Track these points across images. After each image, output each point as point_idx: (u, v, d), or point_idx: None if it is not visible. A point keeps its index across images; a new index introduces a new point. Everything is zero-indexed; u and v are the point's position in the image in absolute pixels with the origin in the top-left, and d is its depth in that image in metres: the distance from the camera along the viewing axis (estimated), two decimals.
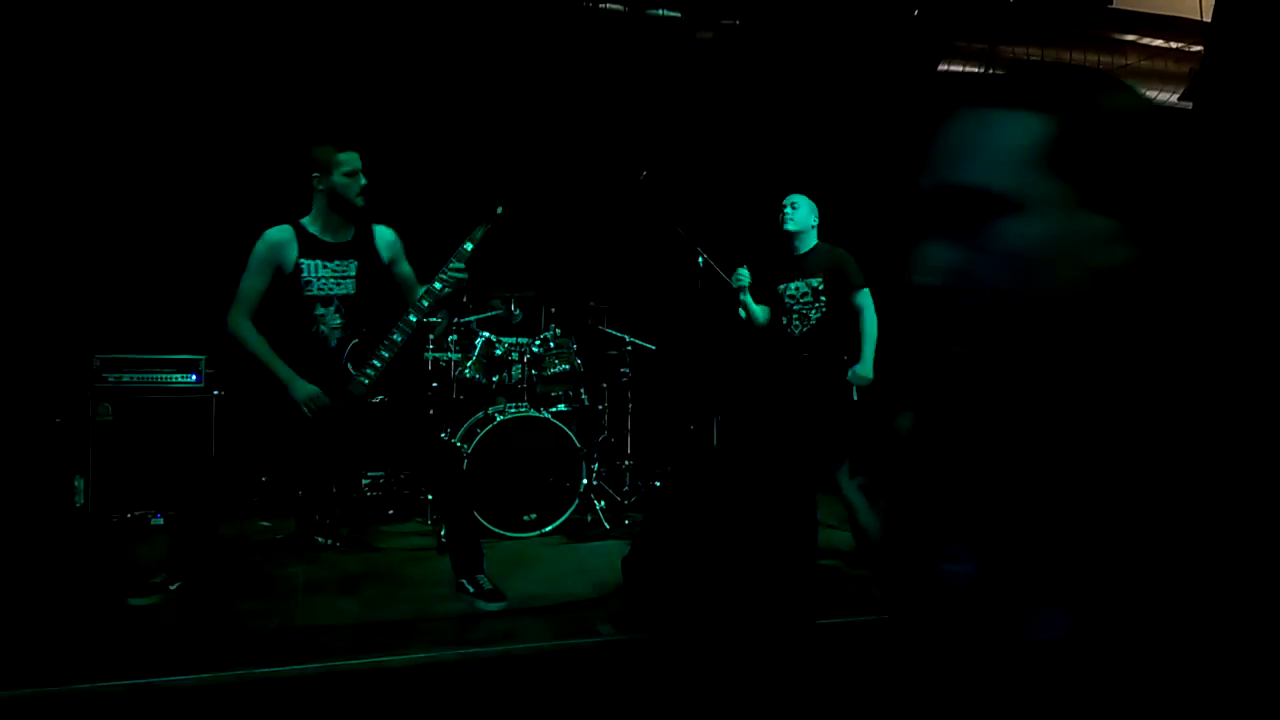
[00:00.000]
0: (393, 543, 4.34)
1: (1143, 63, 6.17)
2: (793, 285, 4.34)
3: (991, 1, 6.04)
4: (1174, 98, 6.28)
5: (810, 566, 3.16)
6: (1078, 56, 6.12)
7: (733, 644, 2.89)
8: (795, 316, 4.34)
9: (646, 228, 6.34)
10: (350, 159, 3.26)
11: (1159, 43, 6.21)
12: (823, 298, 4.29)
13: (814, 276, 4.29)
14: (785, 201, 4.35)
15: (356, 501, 5.01)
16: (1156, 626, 0.69)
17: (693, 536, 3.18)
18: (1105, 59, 6.15)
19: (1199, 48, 5.72)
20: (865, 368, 4.21)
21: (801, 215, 4.31)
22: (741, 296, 4.37)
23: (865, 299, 4.29)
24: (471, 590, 3.35)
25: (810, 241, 4.33)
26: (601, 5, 5.66)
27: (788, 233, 4.32)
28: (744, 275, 4.33)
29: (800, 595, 3.02)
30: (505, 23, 5.57)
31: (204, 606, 3.18)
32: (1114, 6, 6.37)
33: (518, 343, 4.92)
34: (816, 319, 4.30)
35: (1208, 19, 4.55)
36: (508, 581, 3.59)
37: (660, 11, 5.78)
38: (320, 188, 3.26)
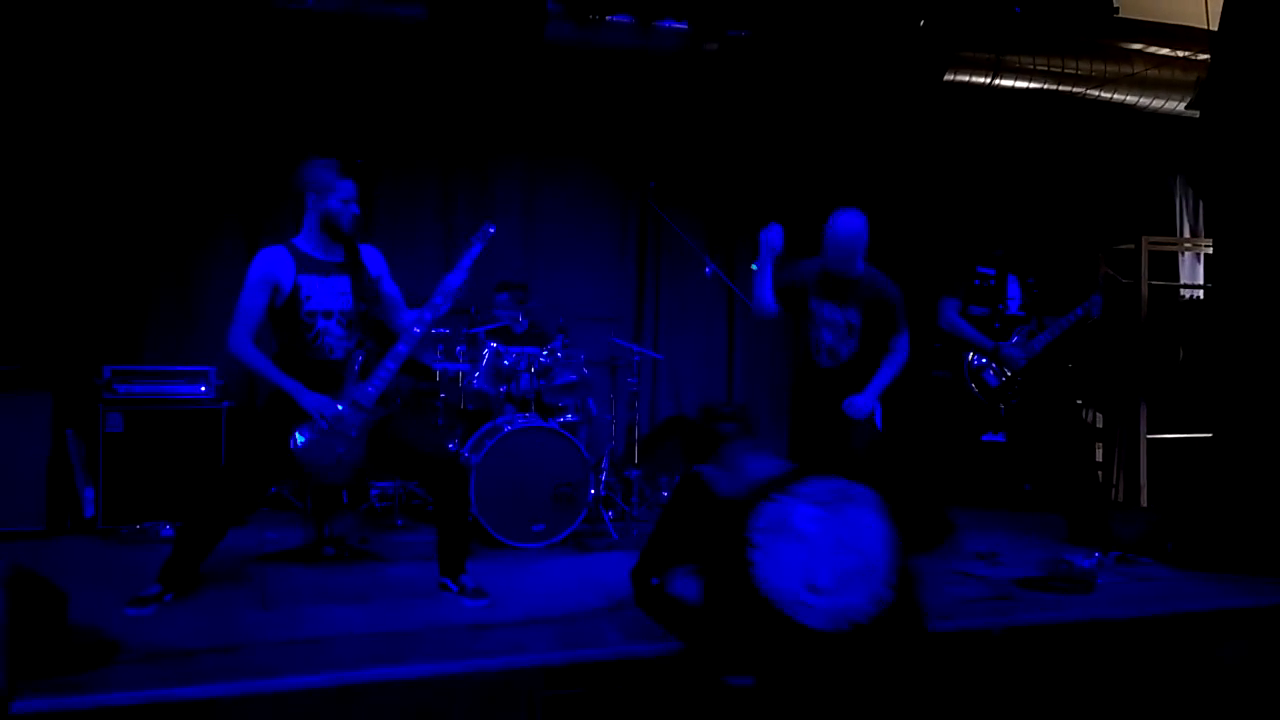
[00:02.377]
0: (402, 553, 4.33)
1: (1149, 71, 6.16)
2: (826, 308, 3.93)
3: (998, 11, 6.05)
4: (1180, 106, 6.27)
5: None
6: (1084, 65, 6.12)
7: (740, 655, 2.87)
8: (825, 351, 3.96)
9: (655, 236, 6.36)
10: (346, 187, 3.32)
11: (1165, 51, 6.20)
12: (858, 333, 3.90)
13: (853, 307, 3.89)
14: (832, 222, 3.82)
15: (365, 512, 5.01)
16: None
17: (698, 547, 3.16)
18: (1112, 68, 6.15)
19: (1205, 56, 5.71)
20: (866, 399, 3.87)
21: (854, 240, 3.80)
22: (758, 267, 3.85)
23: (902, 344, 3.93)
24: (455, 589, 3.44)
25: (857, 268, 3.87)
26: (608, 17, 5.69)
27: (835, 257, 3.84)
28: (775, 240, 3.78)
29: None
30: (511, 34, 5.59)
31: (211, 618, 3.18)
32: (1120, 15, 6.37)
33: (525, 353, 4.93)
34: (848, 355, 3.93)
35: (1214, 28, 4.55)
36: (516, 593, 3.59)
37: (667, 23, 5.80)
38: (313, 207, 3.32)
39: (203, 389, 4.80)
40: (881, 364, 3.92)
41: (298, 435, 3.22)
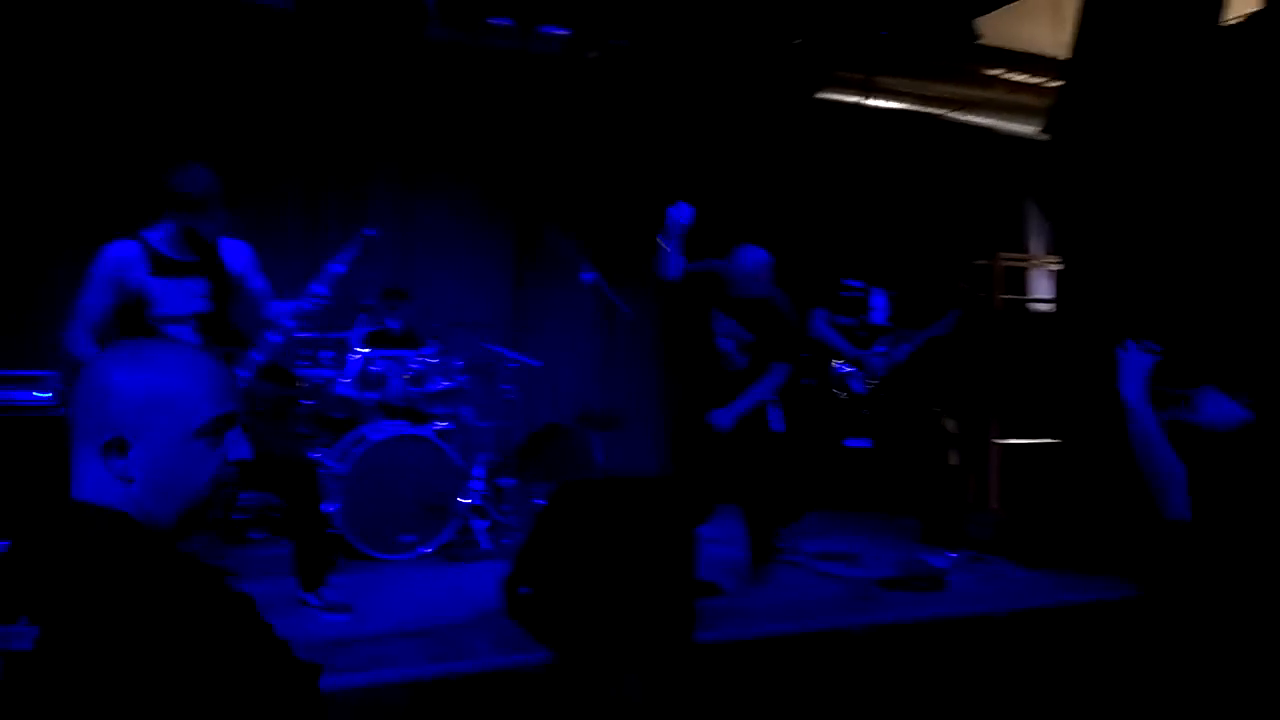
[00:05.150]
0: (257, 568, 4.14)
1: (1007, 96, 6.49)
2: (728, 323, 4.00)
3: (868, 34, 6.28)
4: (1035, 130, 6.64)
5: (689, 585, 3.18)
6: (947, 89, 6.41)
7: (612, 663, 2.88)
8: (724, 358, 4.00)
9: (533, 241, 6.33)
10: (220, 214, 3.12)
11: (1023, 78, 6.55)
12: (750, 350, 3.95)
13: (747, 327, 3.95)
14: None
15: (220, 525, 4.78)
16: None
17: (573, 555, 3.16)
18: (974, 92, 6.46)
19: (1059, 84, 6.06)
20: (726, 414, 3.81)
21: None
22: (666, 241, 3.85)
23: (779, 369, 3.91)
24: (315, 603, 3.32)
25: (755, 290, 3.93)
26: (489, 21, 5.63)
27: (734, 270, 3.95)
28: (684, 217, 3.81)
29: (678, 614, 3.03)
30: (394, 38, 5.47)
31: None
32: (982, 42, 6.71)
33: (397, 357, 4.80)
34: (745, 365, 3.96)
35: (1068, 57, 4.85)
36: (382, 606, 3.50)
37: (550, 29, 5.79)
38: (178, 216, 3.08)
39: (43, 395, 4.48)
40: (756, 381, 3.90)
41: None
